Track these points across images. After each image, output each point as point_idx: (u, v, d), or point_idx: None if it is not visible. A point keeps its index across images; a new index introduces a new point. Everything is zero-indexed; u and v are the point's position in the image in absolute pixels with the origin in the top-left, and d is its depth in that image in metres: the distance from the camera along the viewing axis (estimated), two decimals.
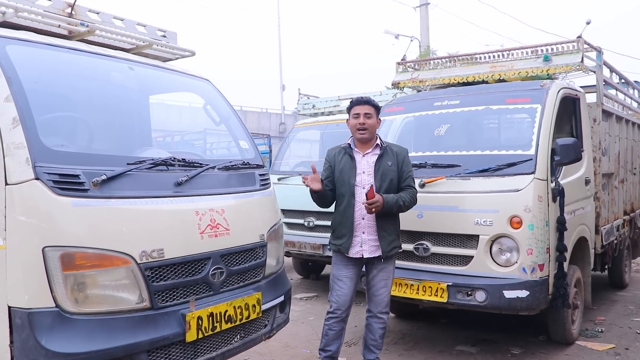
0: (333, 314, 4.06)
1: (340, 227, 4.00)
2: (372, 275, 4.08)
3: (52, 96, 3.11)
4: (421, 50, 17.66)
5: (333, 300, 4.06)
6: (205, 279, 3.08)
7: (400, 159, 4.06)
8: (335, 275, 4.06)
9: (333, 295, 4.07)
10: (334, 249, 4.07)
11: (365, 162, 4.02)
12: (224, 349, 3.18)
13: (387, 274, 4.09)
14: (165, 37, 4.20)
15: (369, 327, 4.17)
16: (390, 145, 4.13)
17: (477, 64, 5.84)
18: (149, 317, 2.77)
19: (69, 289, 2.51)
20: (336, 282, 4.05)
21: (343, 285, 4.02)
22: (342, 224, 3.99)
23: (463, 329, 5.68)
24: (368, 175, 3.99)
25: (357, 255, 3.98)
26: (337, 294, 4.03)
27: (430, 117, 5.36)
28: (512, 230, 4.30)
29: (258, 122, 32.40)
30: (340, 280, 4.03)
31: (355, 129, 4.01)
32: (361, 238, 3.96)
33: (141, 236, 2.79)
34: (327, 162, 4.12)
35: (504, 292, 4.27)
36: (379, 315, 4.12)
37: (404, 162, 4.07)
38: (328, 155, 4.14)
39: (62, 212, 2.54)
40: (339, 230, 4.02)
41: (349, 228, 3.96)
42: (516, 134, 5.51)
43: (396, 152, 4.07)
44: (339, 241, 4.00)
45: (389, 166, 4.00)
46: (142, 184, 2.91)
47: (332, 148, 4.16)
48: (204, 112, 4.15)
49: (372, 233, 3.96)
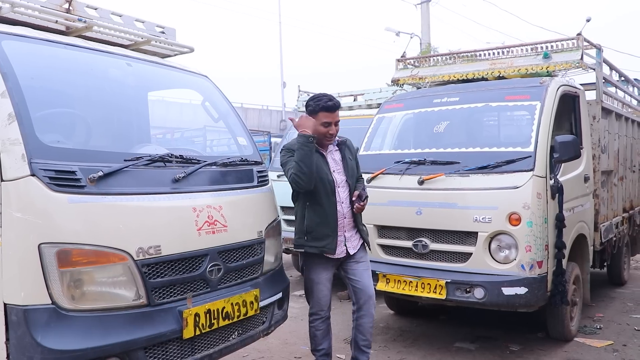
0: (316, 315, 3.93)
1: (321, 227, 3.76)
2: (353, 269, 3.93)
3: (48, 92, 3.10)
4: (422, 48, 17.64)
5: (315, 303, 3.91)
6: (202, 275, 3.07)
7: (353, 151, 4.00)
8: (314, 280, 3.87)
9: (314, 299, 3.91)
10: (313, 251, 3.80)
11: (332, 160, 3.88)
12: (222, 345, 3.17)
13: (366, 263, 3.99)
14: (164, 34, 4.19)
15: (359, 327, 3.97)
16: (343, 139, 3.97)
17: (476, 61, 5.82)
18: (145, 314, 2.76)
19: (65, 286, 2.51)
20: (316, 286, 3.87)
21: (323, 288, 3.87)
22: (323, 224, 3.76)
23: (462, 325, 5.67)
24: (339, 174, 3.85)
25: (341, 255, 3.84)
26: (318, 297, 3.88)
27: (430, 114, 5.35)
28: (511, 227, 4.29)
29: (259, 119, 32.41)
30: (320, 284, 3.86)
31: (324, 136, 3.78)
32: (344, 237, 3.83)
33: (138, 233, 2.78)
34: (290, 152, 3.74)
35: (502, 289, 4.26)
36: (368, 310, 3.94)
37: (356, 154, 4.05)
38: (290, 148, 3.75)
39: (58, 208, 2.53)
40: (318, 231, 3.77)
41: (332, 228, 3.77)
42: (515, 131, 5.51)
43: (349, 145, 3.98)
44: (321, 242, 3.76)
45: (351, 161, 3.93)
46: (139, 181, 2.90)
47: (289, 144, 3.79)
48: (203, 108, 4.14)
49: (351, 229, 3.88)
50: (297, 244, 3.88)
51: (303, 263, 3.97)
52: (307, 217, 3.78)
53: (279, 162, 3.86)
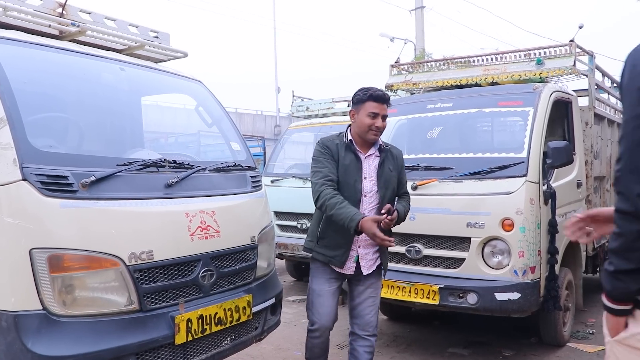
0: (315, 333, 3.55)
1: (335, 236, 3.40)
2: (358, 291, 3.57)
3: (41, 96, 3.10)
4: (416, 53, 17.69)
5: (315, 318, 3.53)
6: (195, 281, 3.06)
7: (399, 163, 3.58)
8: (316, 290, 3.53)
9: (314, 313, 3.53)
10: (320, 259, 3.49)
11: (368, 166, 3.46)
12: (214, 351, 3.16)
13: (376, 290, 3.59)
14: (158, 38, 4.19)
15: (354, 352, 3.58)
16: (389, 147, 3.59)
17: (470, 67, 5.84)
18: (137, 320, 2.74)
19: (57, 291, 2.49)
20: (317, 299, 3.51)
21: (325, 301, 3.50)
22: (338, 233, 3.37)
23: (455, 331, 5.67)
24: (370, 182, 3.44)
25: (349, 272, 3.47)
26: (319, 311, 3.50)
27: (423, 119, 5.36)
28: (504, 233, 4.30)
29: (253, 124, 32.37)
30: (321, 296, 3.50)
31: (369, 128, 3.39)
32: (357, 252, 3.45)
33: (130, 238, 2.77)
34: (327, 151, 3.41)
35: (495, 294, 4.27)
36: (366, 337, 3.55)
37: (402, 166, 3.63)
38: (326, 144, 3.43)
39: (50, 213, 2.52)
40: (331, 239, 3.42)
41: (347, 240, 3.40)
42: (508, 136, 5.52)
43: (395, 155, 3.57)
44: (331, 252, 3.42)
45: (390, 172, 3.50)
46: (131, 186, 2.89)
47: (328, 138, 3.48)
48: (196, 113, 4.14)
49: (369, 247, 3.46)
50: (307, 247, 3.58)
51: (309, 272, 3.64)
52: (323, 222, 3.44)
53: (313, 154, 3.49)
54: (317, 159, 3.42)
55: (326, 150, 3.40)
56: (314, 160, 3.44)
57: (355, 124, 3.44)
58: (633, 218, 1.50)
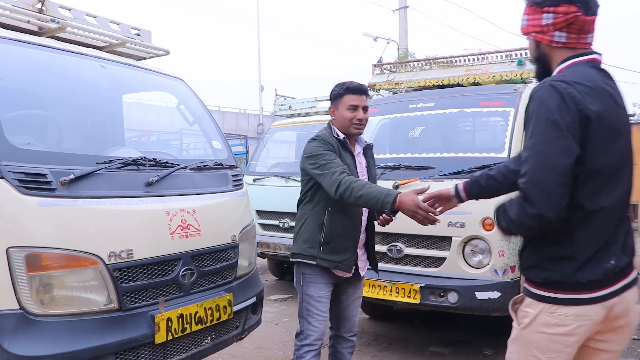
0: (312, 347, 3.27)
1: (343, 240, 3.21)
2: (348, 293, 3.44)
3: (19, 93, 3.06)
4: (400, 53, 17.76)
5: (312, 329, 3.25)
6: (175, 280, 3.04)
7: (374, 157, 3.56)
8: (314, 296, 3.25)
9: (312, 322, 3.25)
10: (326, 266, 3.21)
11: (359, 164, 3.36)
12: (194, 350, 3.14)
13: (361, 291, 3.54)
14: (140, 36, 4.16)
15: (338, 355, 3.51)
16: (371, 144, 3.55)
17: (452, 67, 5.87)
18: (117, 319, 2.72)
19: (34, 291, 2.46)
20: (316, 306, 3.25)
21: (324, 308, 3.27)
22: (346, 237, 3.22)
23: (436, 330, 5.71)
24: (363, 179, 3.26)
25: (349, 274, 3.31)
26: (318, 320, 3.24)
27: (405, 119, 5.39)
28: (485, 232, 4.34)
29: (236, 122, 32.29)
30: (320, 302, 3.26)
31: (350, 122, 3.24)
32: (356, 254, 3.33)
33: (110, 236, 2.74)
34: (329, 146, 3.18)
35: (475, 293, 4.30)
36: (350, 338, 3.50)
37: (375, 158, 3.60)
38: (326, 140, 3.21)
39: (27, 211, 2.49)
40: (337, 243, 3.20)
41: (354, 242, 3.26)
42: (490, 136, 5.56)
43: (372, 150, 3.54)
44: (338, 257, 3.19)
45: (374, 168, 3.50)
46: (111, 184, 2.87)
47: (323, 135, 3.26)
48: (178, 111, 4.12)
49: (362, 247, 3.37)
50: (307, 254, 3.23)
51: (300, 278, 3.31)
52: (327, 225, 3.18)
53: (307, 151, 3.21)
54: (321, 154, 3.13)
55: (328, 146, 3.17)
56: (315, 156, 3.14)
57: (337, 120, 3.31)
58: (536, 218, 1.90)
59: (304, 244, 3.26)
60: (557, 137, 1.85)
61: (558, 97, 1.87)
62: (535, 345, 2.03)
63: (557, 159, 1.85)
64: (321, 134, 3.26)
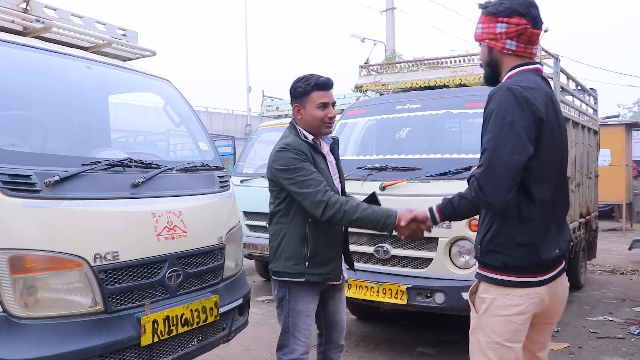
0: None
1: (328, 250, 3.05)
2: (335, 299, 3.28)
3: (3, 94, 3.03)
4: (387, 54, 17.81)
5: (300, 343, 3.07)
6: (161, 281, 3.03)
7: (339, 151, 3.37)
8: (303, 311, 3.06)
9: (299, 337, 3.06)
10: (315, 280, 3.02)
11: (330, 164, 3.18)
12: (181, 352, 3.13)
13: (344, 292, 3.39)
14: (126, 36, 4.14)
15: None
16: (337, 138, 3.36)
17: (439, 69, 5.90)
18: (102, 321, 2.71)
19: (18, 293, 2.44)
20: (304, 321, 3.06)
21: (311, 322, 3.12)
22: (330, 246, 3.06)
23: (423, 330, 5.73)
24: (336, 180, 3.18)
25: (337, 282, 3.18)
26: (306, 335, 3.08)
27: (392, 120, 5.40)
28: (471, 233, 4.35)
29: (224, 123, 32.23)
30: (309, 317, 3.09)
31: (322, 122, 3.06)
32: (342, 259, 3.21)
33: (95, 238, 2.73)
34: (304, 156, 2.96)
35: (462, 293, 4.30)
36: (341, 344, 3.36)
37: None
38: (299, 149, 2.97)
39: (11, 213, 2.46)
40: (324, 254, 3.03)
41: (339, 250, 3.13)
42: (476, 138, 5.55)
43: (338, 144, 3.37)
44: (326, 269, 3.03)
45: (339, 162, 3.32)
46: (97, 185, 2.85)
47: (294, 143, 3.00)
48: (164, 112, 4.10)
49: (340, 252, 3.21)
50: (293, 271, 3.01)
51: (286, 293, 3.08)
52: (311, 239, 2.98)
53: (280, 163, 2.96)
54: (297, 167, 2.91)
55: (302, 156, 2.94)
56: (291, 170, 2.91)
57: (304, 119, 3.09)
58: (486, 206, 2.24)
59: (288, 261, 3.03)
60: (512, 136, 2.09)
61: (514, 100, 2.12)
62: (492, 329, 2.27)
63: (509, 155, 2.09)
64: (291, 142, 3.00)
